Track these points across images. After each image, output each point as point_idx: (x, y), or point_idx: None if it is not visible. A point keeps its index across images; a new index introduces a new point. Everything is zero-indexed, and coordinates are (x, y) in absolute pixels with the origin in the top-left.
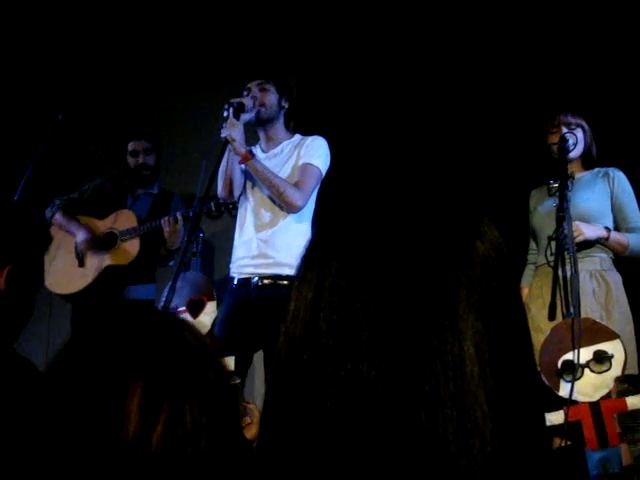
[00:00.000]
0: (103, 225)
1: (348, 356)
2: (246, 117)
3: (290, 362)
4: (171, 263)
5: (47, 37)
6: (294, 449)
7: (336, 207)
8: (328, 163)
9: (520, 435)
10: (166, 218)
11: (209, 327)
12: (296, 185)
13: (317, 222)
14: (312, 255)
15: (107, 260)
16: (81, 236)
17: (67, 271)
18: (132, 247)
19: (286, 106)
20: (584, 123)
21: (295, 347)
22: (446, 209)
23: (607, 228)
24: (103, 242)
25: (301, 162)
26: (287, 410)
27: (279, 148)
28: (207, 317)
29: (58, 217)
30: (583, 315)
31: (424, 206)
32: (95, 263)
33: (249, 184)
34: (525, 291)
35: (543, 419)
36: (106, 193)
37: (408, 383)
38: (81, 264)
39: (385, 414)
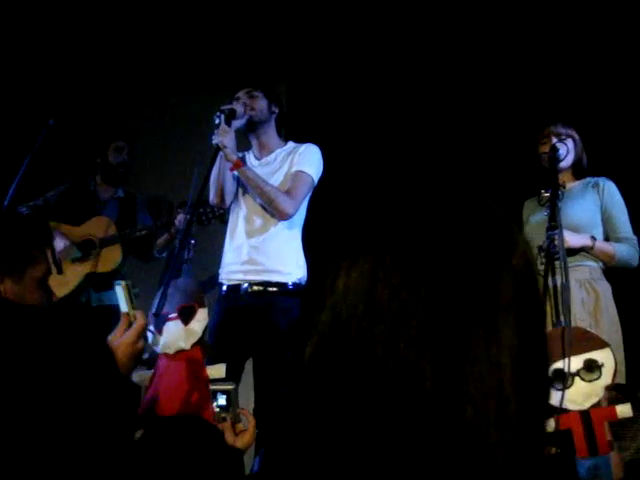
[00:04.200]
0: (79, 232)
1: (397, 343)
2: (237, 124)
3: (335, 337)
4: (164, 254)
5: (38, 43)
6: (333, 423)
7: (391, 201)
8: (321, 171)
9: (535, 431)
10: (181, 218)
11: (200, 334)
12: (287, 193)
13: (370, 207)
14: (367, 242)
15: (88, 267)
16: (60, 244)
17: None
18: (114, 254)
19: (276, 111)
20: (574, 133)
21: (342, 324)
22: (487, 223)
23: (593, 237)
24: (81, 249)
25: (294, 170)
26: (329, 387)
27: (272, 156)
28: (198, 324)
29: None
30: (572, 324)
31: (470, 218)
32: (75, 270)
33: (241, 191)
34: None
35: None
36: (73, 199)
37: (453, 376)
38: (60, 271)
39: (430, 401)
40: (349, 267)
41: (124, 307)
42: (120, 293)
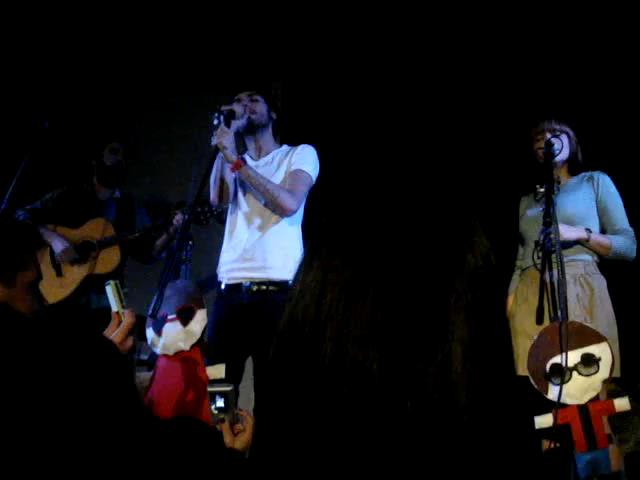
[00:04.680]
0: (78, 234)
1: (345, 342)
2: (237, 124)
3: (291, 340)
4: (163, 255)
5: (33, 44)
6: (291, 422)
7: (341, 203)
8: (318, 170)
9: (496, 426)
10: (179, 218)
11: (199, 335)
12: (289, 190)
13: (324, 213)
14: (319, 245)
15: (87, 269)
16: (59, 245)
17: (44, 281)
18: (113, 255)
19: (274, 118)
20: (569, 129)
21: (297, 327)
22: (443, 221)
23: (588, 230)
24: (80, 251)
25: (292, 168)
26: (286, 385)
27: (269, 157)
28: (197, 325)
29: None
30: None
31: (424, 216)
32: (74, 273)
33: (240, 190)
34: (511, 298)
35: (519, 413)
36: (70, 201)
37: (399, 373)
38: (59, 274)
39: (374, 398)
40: (305, 271)
41: (114, 306)
42: (110, 292)
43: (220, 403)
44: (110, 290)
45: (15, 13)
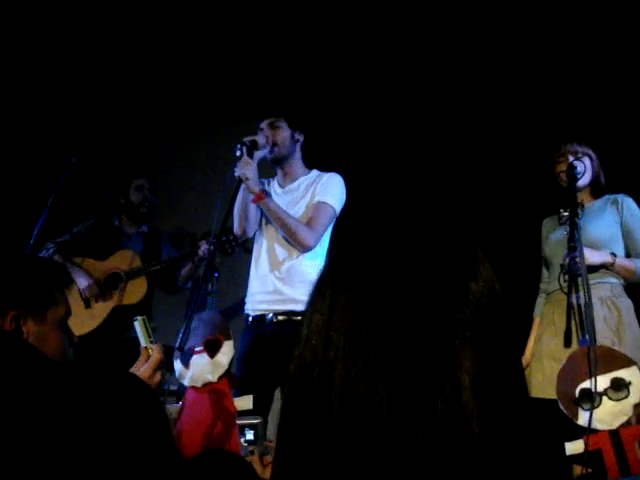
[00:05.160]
0: (105, 266)
1: (352, 382)
2: (260, 154)
3: (301, 384)
4: (189, 285)
5: (59, 82)
6: (306, 464)
7: (345, 241)
8: (343, 201)
9: (512, 457)
10: (205, 248)
11: (227, 366)
12: (309, 223)
13: (327, 253)
14: (323, 285)
15: (115, 300)
16: (83, 282)
17: (73, 313)
18: (140, 286)
19: (301, 139)
20: (591, 152)
21: (306, 370)
22: (445, 251)
23: (613, 254)
24: (108, 283)
25: (315, 200)
26: (299, 429)
27: (296, 184)
28: (224, 356)
29: (57, 259)
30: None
31: (426, 247)
32: (103, 304)
33: (264, 221)
34: (537, 320)
35: (539, 444)
36: (98, 234)
37: (408, 409)
38: (87, 306)
39: (385, 435)
40: (311, 313)
41: (142, 341)
42: (138, 327)
43: (250, 436)
44: (138, 325)
45: (43, 49)
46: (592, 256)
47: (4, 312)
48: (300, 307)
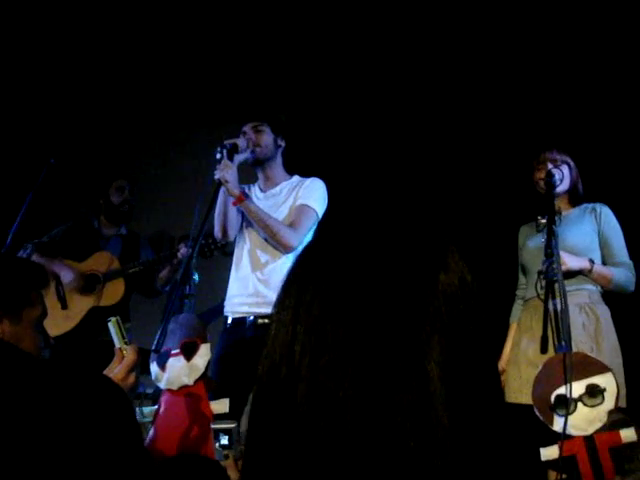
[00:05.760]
0: (83, 267)
1: (318, 375)
2: (240, 158)
3: (269, 381)
4: (167, 288)
5: (38, 81)
6: (275, 461)
7: (312, 239)
8: (325, 205)
9: (483, 451)
10: (184, 251)
11: (203, 370)
12: (291, 225)
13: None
14: (290, 283)
15: (92, 302)
16: (68, 276)
17: (49, 314)
18: (118, 287)
19: (283, 144)
20: (569, 160)
21: (274, 367)
22: (413, 242)
23: (591, 260)
24: (85, 284)
25: (298, 203)
26: (267, 427)
27: (277, 189)
28: (201, 360)
29: (36, 258)
30: (574, 348)
31: (393, 239)
32: (79, 305)
33: (245, 224)
34: (514, 326)
35: (507, 437)
36: (76, 236)
37: (375, 400)
38: (64, 307)
39: (352, 429)
40: (279, 311)
41: (117, 342)
42: (112, 329)
43: (224, 440)
44: (112, 326)
45: (21, 47)
46: (570, 261)
47: None
48: None
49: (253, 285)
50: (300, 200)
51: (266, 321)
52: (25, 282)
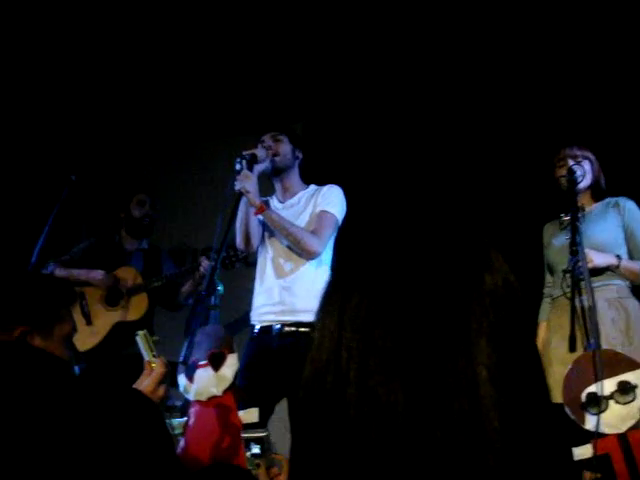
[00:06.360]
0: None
1: (367, 381)
2: (260, 168)
3: (315, 388)
4: (190, 301)
5: (58, 100)
6: (324, 470)
7: (353, 243)
8: (344, 211)
9: (531, 452)
10: (206, 264)
11: (231, 380)
12: (313, 232)
13: (335, 258)
14: (333, 288)
15: (116, 317)
16: (98, 275)
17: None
18: (142, 302)
19: (300, 156)
20: (590, 155)
21: (320, 374)
22: (456, 244)
23: (618, 256)
24: (109, 299)
25: (318, 210)
26: (314, 434)
27: (296, 198)
28: (229, 370)
29: (59, 272)
30: (604, 344)
31: (436, 241)
32: (104, 321)
33: (267, 233)
34: (543, 325)
35: (555, 440)
36: (99, 252)
37: (425, 403)
38: (88, 322)
39: (403, 433)
40: (323, 317)
41: (145, 355)
42: (140, 342)
43: (256, 449)
44: (140, 340)
45: (42, 67)
46: (597, 258)
47: (12, 327)
48: (306, 317)
49: (278, 294)
50: (320, 207)
51: (292, 329)
52: (55, 298)
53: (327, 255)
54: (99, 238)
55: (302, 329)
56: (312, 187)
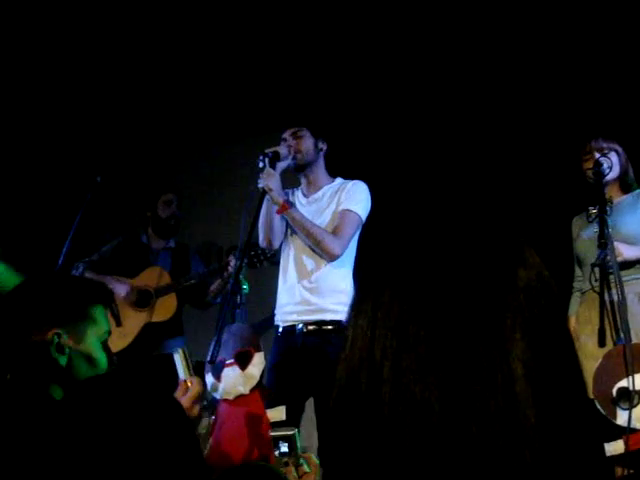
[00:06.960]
0: (135, 283)
1: (402, 378)
2: (282, 165)
3: (349, 387)
4: (218, 300)
5: (82, 103)
6: (359, 466)
7: (384, 241)
8: (369, 208)
9: (566, 448)
10: (234, 263)
11: (258, 378)
12: (335, 232)
13: (364, 256)
14: (365, 287)
15: (146, 317)
16: (122, 289)
17: None
18: (170, 302)
19: (324, 147)
20: (617, 147)
21: (354, 373)
22: (490, 240)
23: None
24: (138, 300)
25: (341, 208)
26: (350, 433)
27: (320, 193)
28: (255, 368)
29: (89, 274)
30: (634, 337)
31: (470, 237)
32: (133, 322)
33: (289, 232)
34: (572, 320)
35: (589, 436)
36: (126, 252)
37: (460, 400)
38: (118, 324)
39: (438, 430)
40: (355, 316)
41: (182, 374)
42: (178, 360)
43: (284, 448)
44: (178, 358)
45: (65, 70)
46: (627, 251)
47: (45, 329)
48: (329, 316)
49: (300, 293)
50: (342, 205)
51: (315, 327)
52: (88, 300)
53: (350, 254)
54: (126, 237)
55: (325, 327)
56: (338, 181)
